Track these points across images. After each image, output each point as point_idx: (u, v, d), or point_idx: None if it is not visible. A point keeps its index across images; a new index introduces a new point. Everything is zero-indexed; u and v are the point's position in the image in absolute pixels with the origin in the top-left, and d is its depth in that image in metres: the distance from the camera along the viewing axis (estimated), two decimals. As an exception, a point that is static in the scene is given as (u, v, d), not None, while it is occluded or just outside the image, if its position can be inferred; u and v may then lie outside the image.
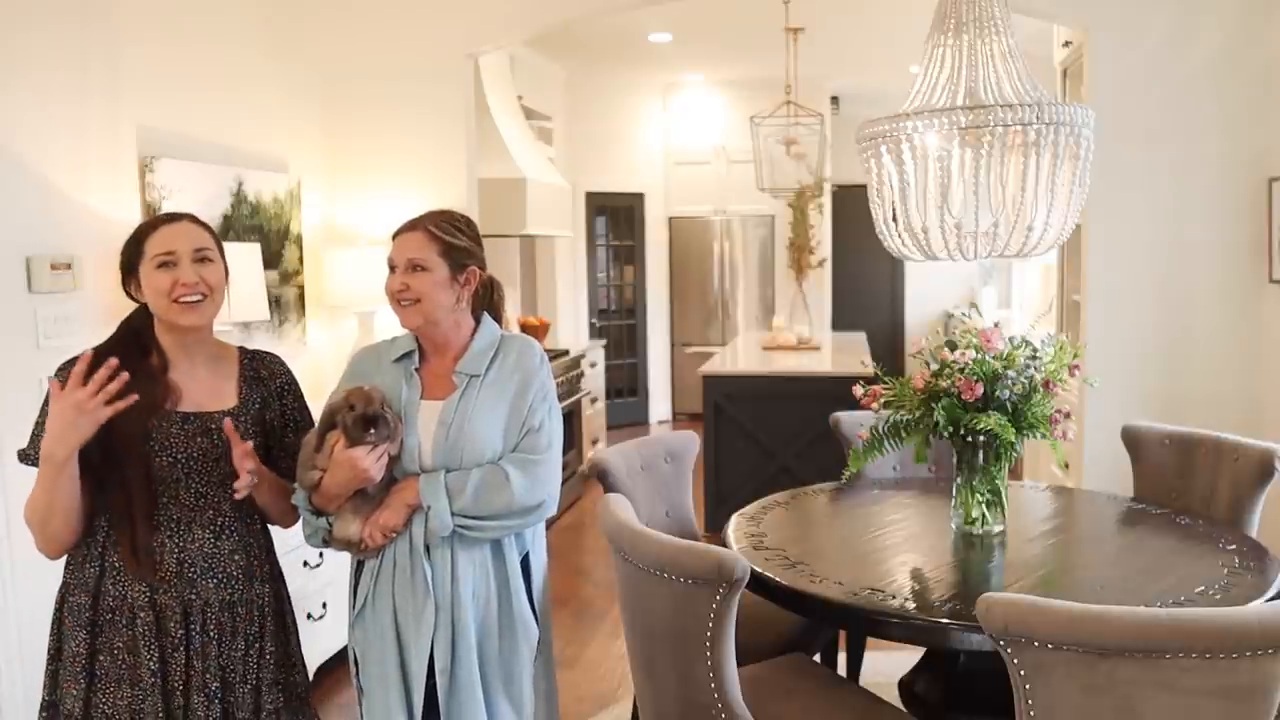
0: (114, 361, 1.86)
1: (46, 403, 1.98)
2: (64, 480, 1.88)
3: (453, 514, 2.09)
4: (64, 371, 2.00)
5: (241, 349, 2.19)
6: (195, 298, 1.99)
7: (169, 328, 2.03)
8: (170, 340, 2.04)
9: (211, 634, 2.00)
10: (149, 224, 2.05)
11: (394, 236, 2.22)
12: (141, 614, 1.95)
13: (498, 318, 2.34)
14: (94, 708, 1.94)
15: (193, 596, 1.98)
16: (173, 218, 2.06)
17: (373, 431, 2.05)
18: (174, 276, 1.97)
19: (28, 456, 1.99)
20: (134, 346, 2.02)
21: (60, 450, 1.85)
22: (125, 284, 2.05)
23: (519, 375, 2.21)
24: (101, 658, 1.95)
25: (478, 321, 2.27)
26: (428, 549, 2.13)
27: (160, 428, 1.97)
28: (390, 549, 2.15)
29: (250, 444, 1.99)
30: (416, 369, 2.22)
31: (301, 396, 2.23)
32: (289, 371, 2.23)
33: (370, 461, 2.05)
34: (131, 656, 1.95)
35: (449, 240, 2.19)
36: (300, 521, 2.18)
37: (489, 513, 2.10)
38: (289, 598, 2.21)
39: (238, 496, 1.98)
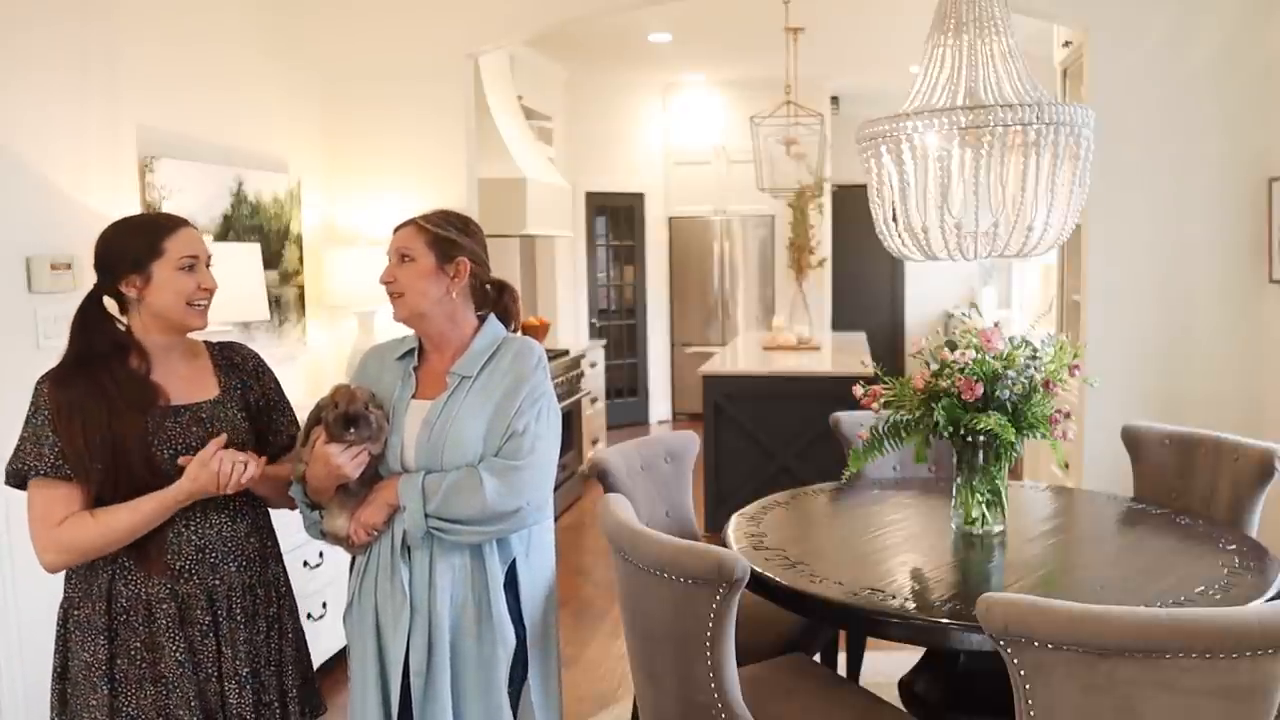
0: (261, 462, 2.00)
1: (35, 413, 1.96)
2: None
3: (425, 515, 2.08)
4: (45, 382, 1.97)
5: (207, 343, 2.20)
6: (206, 302, 2.04)
7: (162, 328, 2.02)
8: (153, 341, 2.03)
9: (238, 619, 2.02)
10: (163, 224, 2.03)
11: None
12: (162, 607, 1.96)
13: (511, 322, 2.32)
14: (118, 713, 1.94)
15: (216, 581, 2.01)
16: (185, 221, 2.07)
17: (353, 430, 2.06)
18: (198, 280, 2.01)
19: (16, 474, 1.95)
20: (118, 351, 2.01)
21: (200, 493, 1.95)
22: (119, 280, 2.00)
23: (510, 377, 2.17)
24: (120, 661, 1.95)
25: (483, 322, 2.26)
26: (408, 550, 2.13)
27: (157, 424, 1.98)
28: (375, 547, 2.16)
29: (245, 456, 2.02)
30: (415, 368, 2.22)
31: (275, 377, 2.26)
32: (258, 354, 2.26)
33: (345, 459, 2.05)
34: (150, 653, 1.95)
35: (436, 231, 2.18)
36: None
37: (461, 516, 2.07)
38: (290, 581, 2.24)
39: (237, 486, 1.99)
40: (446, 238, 2.18)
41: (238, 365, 2.18)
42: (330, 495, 2.12)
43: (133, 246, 2.00)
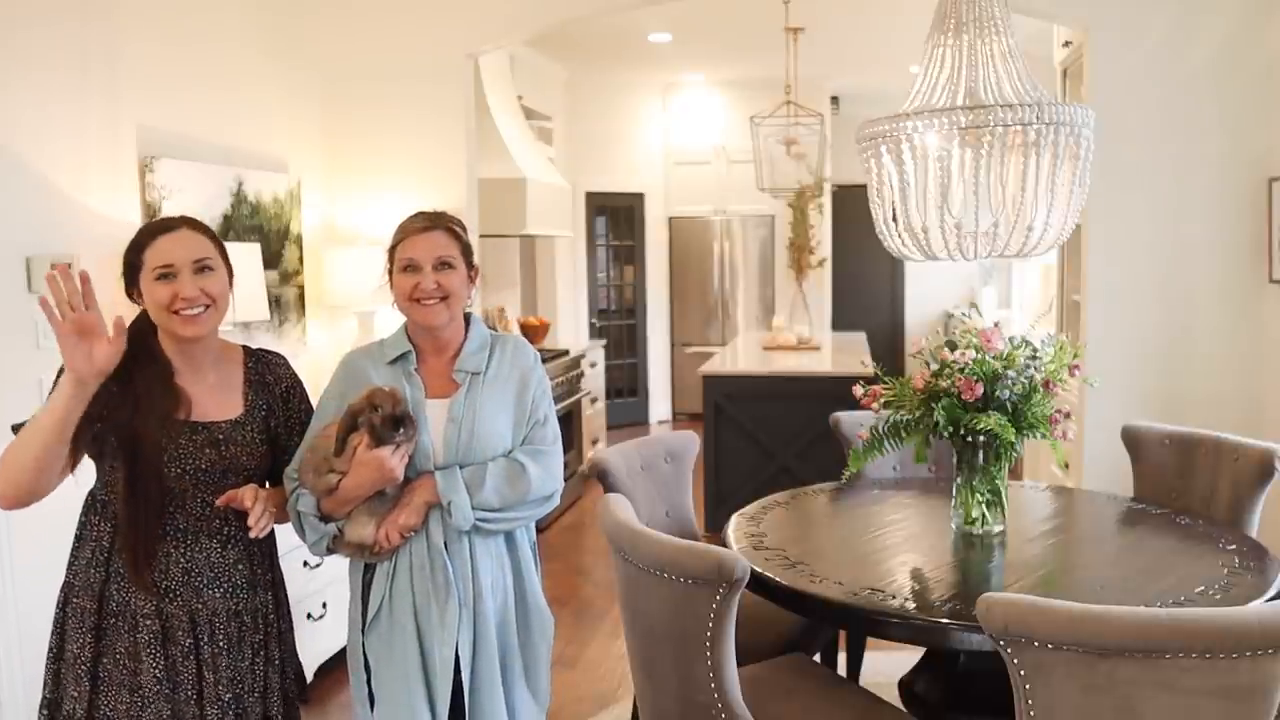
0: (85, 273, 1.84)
1: (53, 391, 1.96)
2: (76, 415, 1.85)
3: (472, 508, 2.11)
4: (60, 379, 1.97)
5: (246, 349, 2.17)
6: (196, 310, 1.96)
7: (167, 338, 2.01)
8: (174, 347, 2.02)
9: (221, 644, 2.00)
10: (147, 232, 2.00)
11: (406, 236, 2.21)
12: (146, 621, 1.94)
13: None
14: (97, 710, 1.94)
15: (200, 605, 1.99)
16: (169, 225, 2.01)
17: (401, 431, 2.05)
18: (173, 289, 1.94)
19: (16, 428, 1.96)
20: (142, 353, 1.99)
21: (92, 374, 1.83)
22: (129, 291, 2.02)
23: (518, 372, 2.26)
24: (105, 661, 1.95)
25: (468, 322, 2.30)
26: (445, 545, 2.14)
27: (171, 438, 1.96)
28: (405, 549, 2.15)
29: (256, 492, 2.00)
30: (415, 369, 2.23)
31: (306, 397, 2.23)
32: (294, 373, 2.22)
33: (396, 461, 2.06)
34: (132, 662, 1.95)
35: (465, 240, 2.26)
36: (300, 527, 2.15)
37: (509, 504, 2.15)
38: (288, 601, 2.21)
39: (254, 535, 1.98)
40: (470, 246, 2.27)
41: (269, 385, 2.14)
42: (355, 505, 2.10)
43: (126, 260, 2.00)
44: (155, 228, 2.02)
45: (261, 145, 4.15)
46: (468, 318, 2.30)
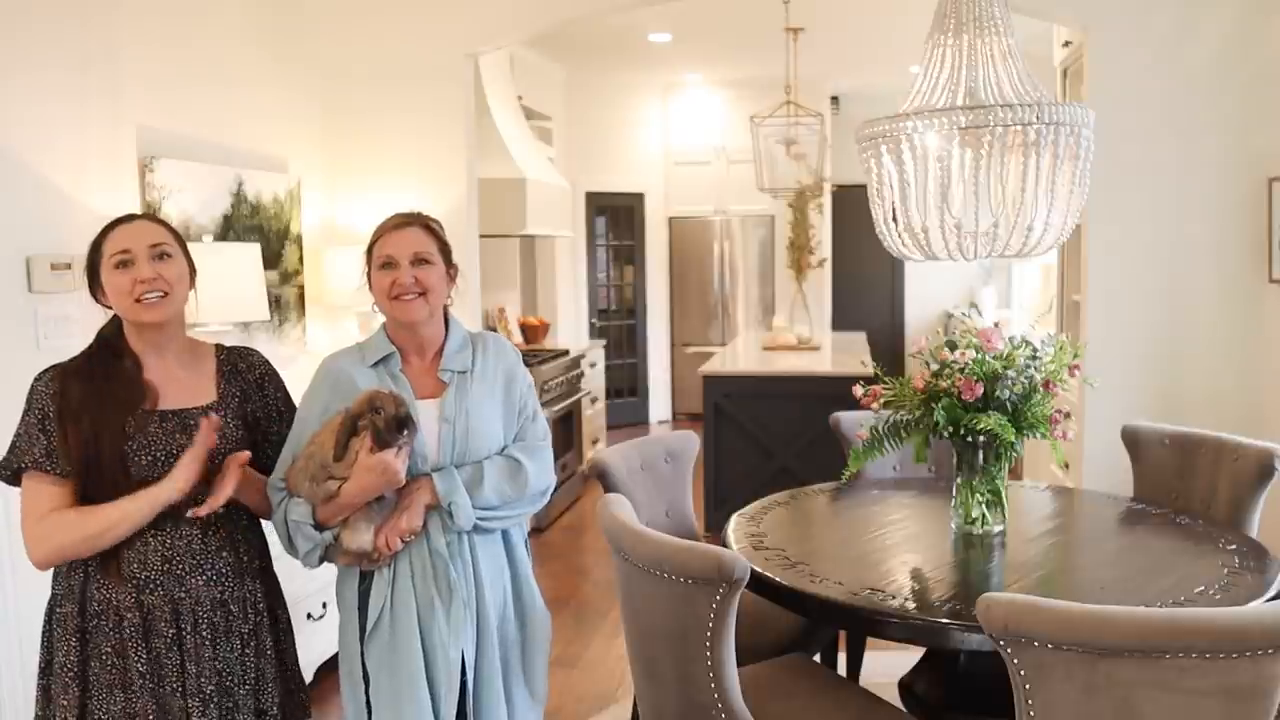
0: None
1: (28, 410, 1.97)
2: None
3: (474, 507, 2.11)
4: (41, 379, 1.98)
5: (218, 346, 2.18)
6: (155, 295, 1.97)
7: (137, 329, 2.01)
8: (140, 342, 2.02)
9: (204, 635, 1.98)
10: (105, 227, 2.04)
11: (382, 234, 2.21)
12: (128, 615, 1.94)
13: None
14: (89, 715, 1.93)
15: (182, 595, 1.97)
16: (129, 218, 2.06)
17: (405, 433, 2.04)
18: (132, 275, 1.96)
19: (8, 468, 1.96)
20: (106, 352, 2.01)
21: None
22: (92, 291, 2.03)
23: (503, 369, 2.27)
24: (93, 664, 1.94)
25: (447, 321, 2.29)
26: (446, 546, 2.13)
27: (138, 427, 1.96)
28: (404, 554, 2.13)
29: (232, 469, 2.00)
30: (400, 370, 2.21)
31: (283, 386, 2.22)
32: (267, 362, 2.22)
33: (401, 464, 2.05)
34: (120, 660, 1.93)
35: (443, 237, 2.25)
36: (290, 538, 2.12)
37: (508, 501, 2.16)
38: (282, 594, 2.19)
39: (197, 514, 1.96)
40: (448, 244, 2.26)
41: (241, 372, 2.14)
42: (351, 512, 2.08)
43: (88, 261, 2.02)
44: (113, 222, 2.05)
45: (261, 145, 4.15)
46: (447, 318, 2.29)
